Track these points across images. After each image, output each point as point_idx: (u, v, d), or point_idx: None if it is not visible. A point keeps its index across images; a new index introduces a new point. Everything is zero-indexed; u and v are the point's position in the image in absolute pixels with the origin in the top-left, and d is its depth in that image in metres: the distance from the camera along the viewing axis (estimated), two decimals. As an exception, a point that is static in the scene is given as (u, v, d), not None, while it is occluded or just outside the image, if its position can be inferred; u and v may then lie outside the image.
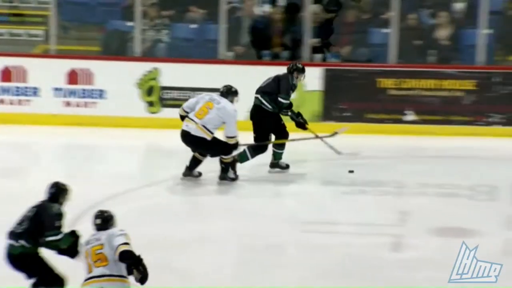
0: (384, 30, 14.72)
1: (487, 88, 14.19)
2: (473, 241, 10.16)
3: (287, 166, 12.31)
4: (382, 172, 12.42)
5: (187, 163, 11.84)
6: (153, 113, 14.81)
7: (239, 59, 14.89)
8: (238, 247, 9.92)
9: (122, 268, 7.35)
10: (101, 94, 14.84)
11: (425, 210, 11.18)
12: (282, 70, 12.26)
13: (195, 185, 11.87)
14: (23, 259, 7.73)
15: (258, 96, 12.08)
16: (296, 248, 9.98)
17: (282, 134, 12.08)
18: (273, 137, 12.10)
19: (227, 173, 11.87)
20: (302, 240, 10.13)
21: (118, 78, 14.79)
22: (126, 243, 7.36)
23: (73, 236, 7.78)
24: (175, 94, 14.74)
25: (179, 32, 15.27)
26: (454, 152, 12.30)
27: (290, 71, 12.05)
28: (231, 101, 11.66)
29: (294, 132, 12.19)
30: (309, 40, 14.64)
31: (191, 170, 11.89)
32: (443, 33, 14.71)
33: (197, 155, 11.79)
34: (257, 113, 12.08)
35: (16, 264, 7.76)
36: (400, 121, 14.26)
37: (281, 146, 12.19)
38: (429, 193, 11.65)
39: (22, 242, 7.69)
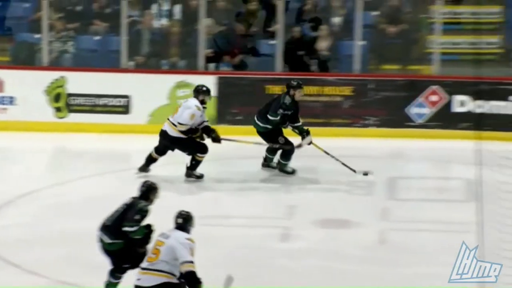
0: (271, 42, 14.67)
1: (362, 93, 14.28)
2: (353, 231, 10.31)
3: (293, 171, 12.07)
4: (271, 170, 12.36)
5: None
6: (60, 118, 14.53)
7: (139, 68, 14.72)
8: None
9: (170, 267, 7.35)
10: (11, 100, 14.51)
11: (310, 204, 11.24)
12: (179, 78, 12.18)
13: (101, 184, 11.72)
14: (113, 254, 7.91)
15: (254, 118, 12.07)
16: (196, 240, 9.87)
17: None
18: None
19: (193, 171, 11.76)
20: (199, 233, 10.00)
21: (27, 85, 14.49)
22: (192, 262, 7.33)
23: (147, 228, 7.85)
24: (81, 100, 14.51)
25: (83, 43, 15.06)
26: (335, 151, 12.30)
27: (287, 89, 11.98)
28: (202, 100, 11.63)
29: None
30: (203, 51, 14.51)
31: (147, 166, 11.94)
32: (323, 45, 14.75)
33: (153, 154, 11.82)
34: (258, 133, 12.07)
35: (108, 255, 7.95)
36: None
37: (273, 152, 12.09)
38: (313, 189, 11.67)
39: (112, 238, 7.84)
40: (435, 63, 14.49)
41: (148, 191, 8.07)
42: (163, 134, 11.69)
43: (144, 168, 11.89)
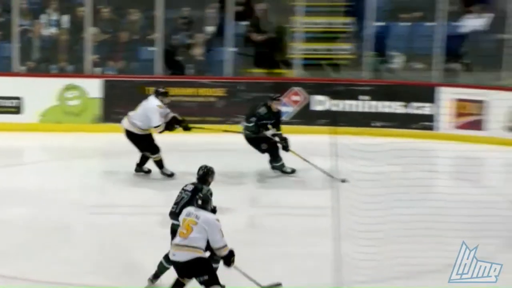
0: (151, 48, 14.71)
1: (234, 94, 14.44)
2: (226, 217, 10.40)
3: (292, 171, 11.80)
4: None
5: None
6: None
7: (30, 72, 14.59)
8: (31, 229, 9.74)
9: (200, 242, 7.41)
10: None
11: None
12: (67, 81, 12.18)
13: (12, 175, 11.65)
14: None
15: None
16: (83, 227, 9.91)
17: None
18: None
19: (162, 169, 11.63)
20: (88, 221, 10.07)
21: None
22: (226, 244, 7.49)
23: (214, 212, 7.75)
24: (-23, 102, 14.32)
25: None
26: (210, 146, 12.45)
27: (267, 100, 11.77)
28: (161, 101, 11.50)
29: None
30: (90, 56, 14.48)
31: (140, 166, 11.80)
32: (198, 51, 14.87)
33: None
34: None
35: None
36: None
37: (275, 159, 11.76)
38: (192, 180, 11.72)
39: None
40: (297, 67, 14.77)
41: (206, 175, 8.13)
42: (127, 133, 11.57)
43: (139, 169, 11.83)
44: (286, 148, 11.55)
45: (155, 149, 11.58)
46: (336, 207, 8.60)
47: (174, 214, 7.98)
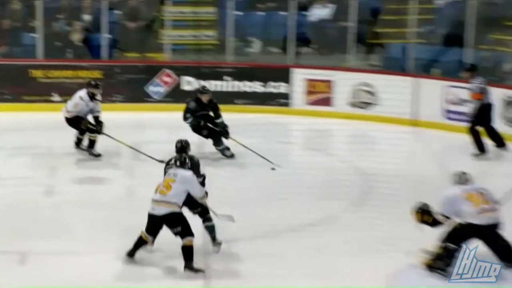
0: (32, 34, 14.56)
1: (110, 76, 14.43)
2: (105, 187, 10.41)
3: (231, 155, 11.37)
4: (36, 137, 12.34)
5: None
6: None
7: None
8: None
9: (176, 198, 7.60)
10: None
11: (70, 164, 11.20)
12: None
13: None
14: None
15: None
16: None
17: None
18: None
19: (91, 149, 11.35)
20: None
21: None
22: (205, 194, 7.81)
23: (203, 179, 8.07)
24: None
25: None
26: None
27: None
28: (91, 92, 11.29)
29: None
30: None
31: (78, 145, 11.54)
32: (77, 37, 14.81)
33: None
34: None
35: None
36: (49, 101, 14.24)
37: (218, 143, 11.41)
38: (74, 153, 11.59)
39: None
40: (167, 51, 14.86)
41: (185, 147, 8.19)
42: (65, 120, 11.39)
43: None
44: (225, 135, 11.32)
45: (91, 130, 11.33)
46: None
47: None
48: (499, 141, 11.49)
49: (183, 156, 8.03)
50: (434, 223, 8.14)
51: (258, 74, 14.54)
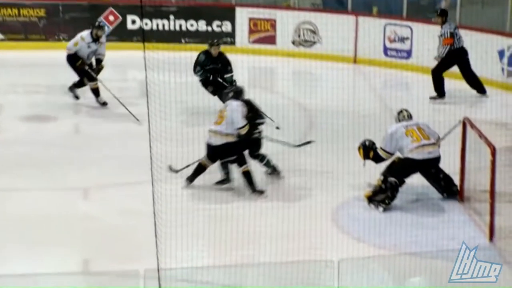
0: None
1: (53, 15, 14.16)
2: (52, 124, 10.34)
3: None
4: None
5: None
6: None
7: None
8: None
9: (230, 129, 8.06)
10: None
11: (16, 103, 11.09)
12: None
13: None
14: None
15: None
16: None
17: None
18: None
19: (97, 98, 10.99)
20: None
21: None
22: (245, 125, 8.12)
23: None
24: None
25: None
26: (34, 61, 12.22)
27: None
28: (95, 33, 10.89)
29: None
30: None
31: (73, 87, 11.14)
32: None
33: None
34: None
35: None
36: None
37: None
38: (20, 92, 11.50)
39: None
40: (110, -9, 14.69)
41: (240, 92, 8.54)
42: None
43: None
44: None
45: (88, 75, 10.95)
46: (149, 113, 8.66)
47: None
48: (479, 87, 11.41)
49: (238, 88, 8.56)
50: (377, 158, 8.24)
51: (202, 13, 14.43)
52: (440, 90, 11.33)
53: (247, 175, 8.22)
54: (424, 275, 6.79)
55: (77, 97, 11.11)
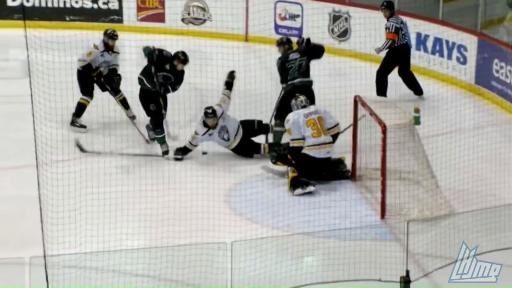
0: None
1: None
2: None
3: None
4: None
5: None
6: None
7: None
8: None
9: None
10: None
11: None
12: None
13: None
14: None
15: None
16: None
17: None
18: None
19: (127, 110, 10.04)
20: None
21: None
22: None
23: None
24: None
25: None
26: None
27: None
28: (106, 41, 10.13)
29: None
30: None
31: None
32: None
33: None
34: None
35: None
36: None
37: None
38: None
39: None
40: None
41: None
42: None
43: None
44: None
45: (112, 88, 10.09)
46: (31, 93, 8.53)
47: None
48: (416, 89, 11.11)
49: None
50: (295, 152, 8.31)
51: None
52: (383, 93, 10.85)
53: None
54: (317, 254, 6.94)
55: (84, 127, 10.09)
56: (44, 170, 6.66)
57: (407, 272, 4.80)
